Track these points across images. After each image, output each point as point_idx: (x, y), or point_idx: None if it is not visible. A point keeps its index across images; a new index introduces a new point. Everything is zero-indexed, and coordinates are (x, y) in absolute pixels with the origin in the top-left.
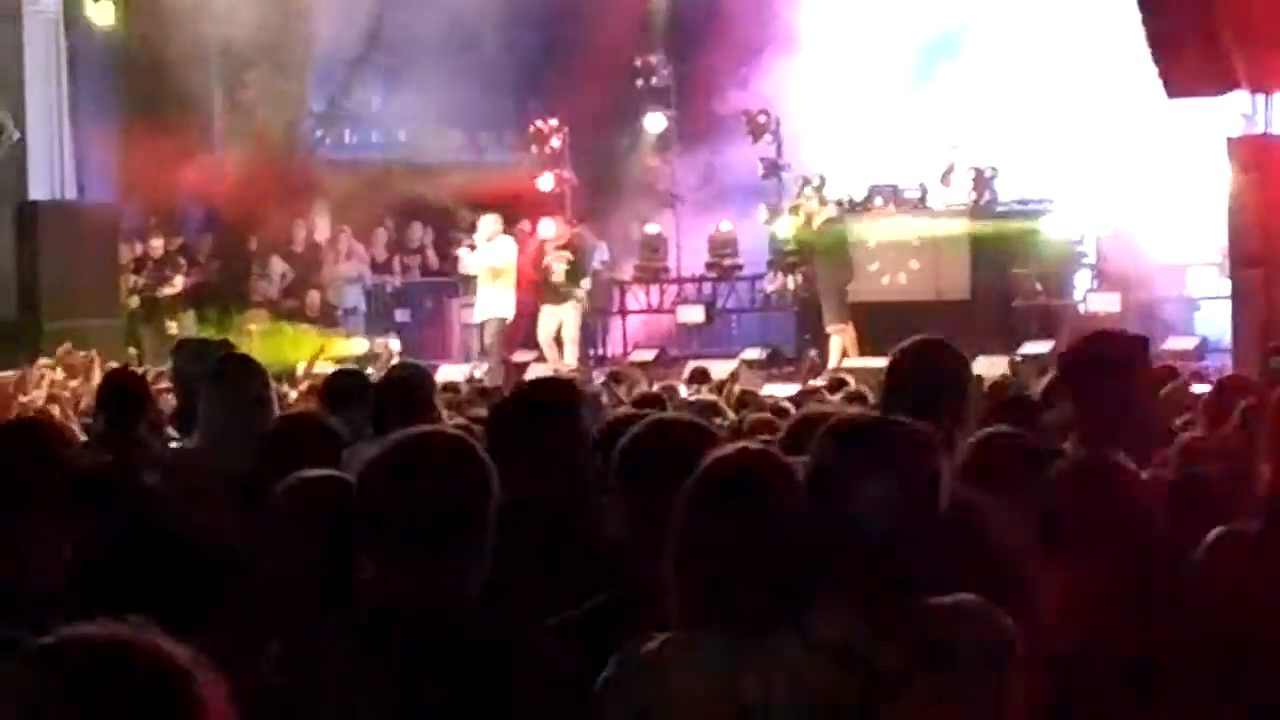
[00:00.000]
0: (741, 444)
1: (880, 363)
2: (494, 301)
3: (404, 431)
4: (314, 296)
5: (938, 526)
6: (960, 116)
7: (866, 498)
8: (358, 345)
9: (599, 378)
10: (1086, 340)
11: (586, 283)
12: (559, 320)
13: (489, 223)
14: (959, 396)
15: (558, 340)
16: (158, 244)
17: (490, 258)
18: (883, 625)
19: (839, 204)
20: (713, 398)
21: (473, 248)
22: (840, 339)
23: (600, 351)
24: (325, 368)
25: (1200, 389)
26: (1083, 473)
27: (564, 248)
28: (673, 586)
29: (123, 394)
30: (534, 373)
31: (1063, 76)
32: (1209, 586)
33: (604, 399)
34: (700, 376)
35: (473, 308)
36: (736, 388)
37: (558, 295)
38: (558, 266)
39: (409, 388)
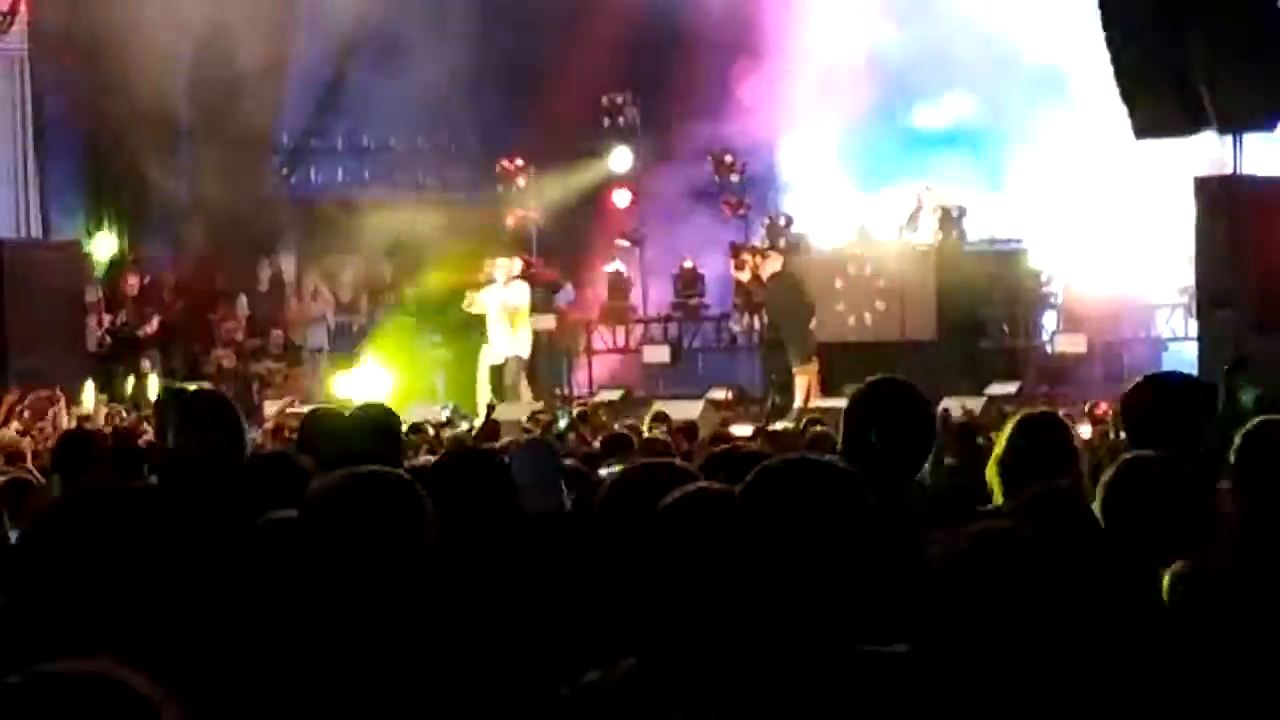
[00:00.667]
0: (701, 484)
1: (844, 403)
2: (512, 341)
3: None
4: (277, 336)
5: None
6: (931, 157)
7: (786, 537)
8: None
9: (563, 419)
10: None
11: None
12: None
13: (505, 265)
14: (919, 436)
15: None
16: (134, 281)
17: (507, 298)
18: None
19: (782, 251)
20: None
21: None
22: (804, 379)
23: (566, 391)
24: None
25: None
26: None
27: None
28: (631, 618)
29: (76, 453)
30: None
31: (1032, 116)
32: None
33: (570, 439)
34: (660, 419)
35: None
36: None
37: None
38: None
39: (376, 429)
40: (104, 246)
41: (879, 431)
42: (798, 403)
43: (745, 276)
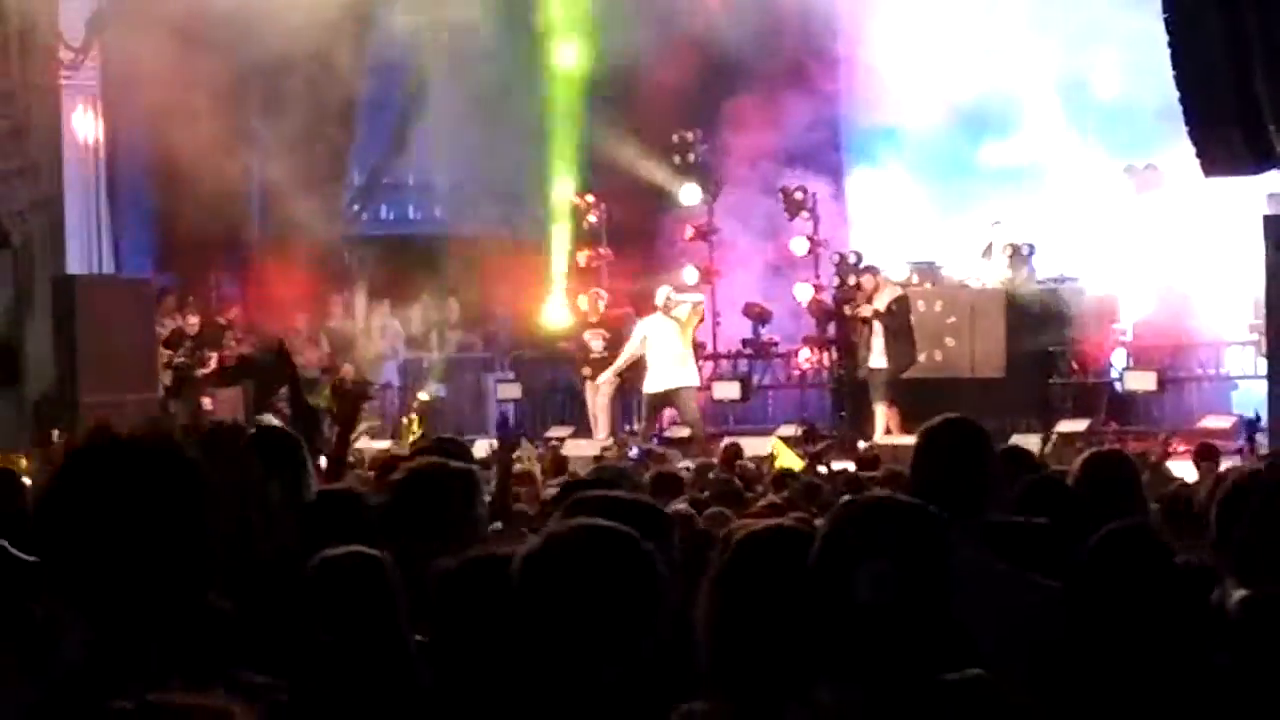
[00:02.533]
0: (775, 520)
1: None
2: (678, 370)
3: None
4: (348, 370)
5: (946, 604)
6: (1001, 192)
7: (869, 576)
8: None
9: (634, 453)
10: None
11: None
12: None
13: (664, 292)
14: (984, 475)
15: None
16: (194, 320)
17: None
18: (886, 702)
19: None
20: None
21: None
22: (885, 416)
23: (636, 427)
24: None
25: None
26: None
27: (599, 325)
28: (703, 658)
29: None
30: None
31: (1103, 153)
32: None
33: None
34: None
35: (509, 383)
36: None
37: (594, 372)
38: (595, 344)
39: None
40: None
41: (947, 470)
42: (876, 437)
43: (866, 312)
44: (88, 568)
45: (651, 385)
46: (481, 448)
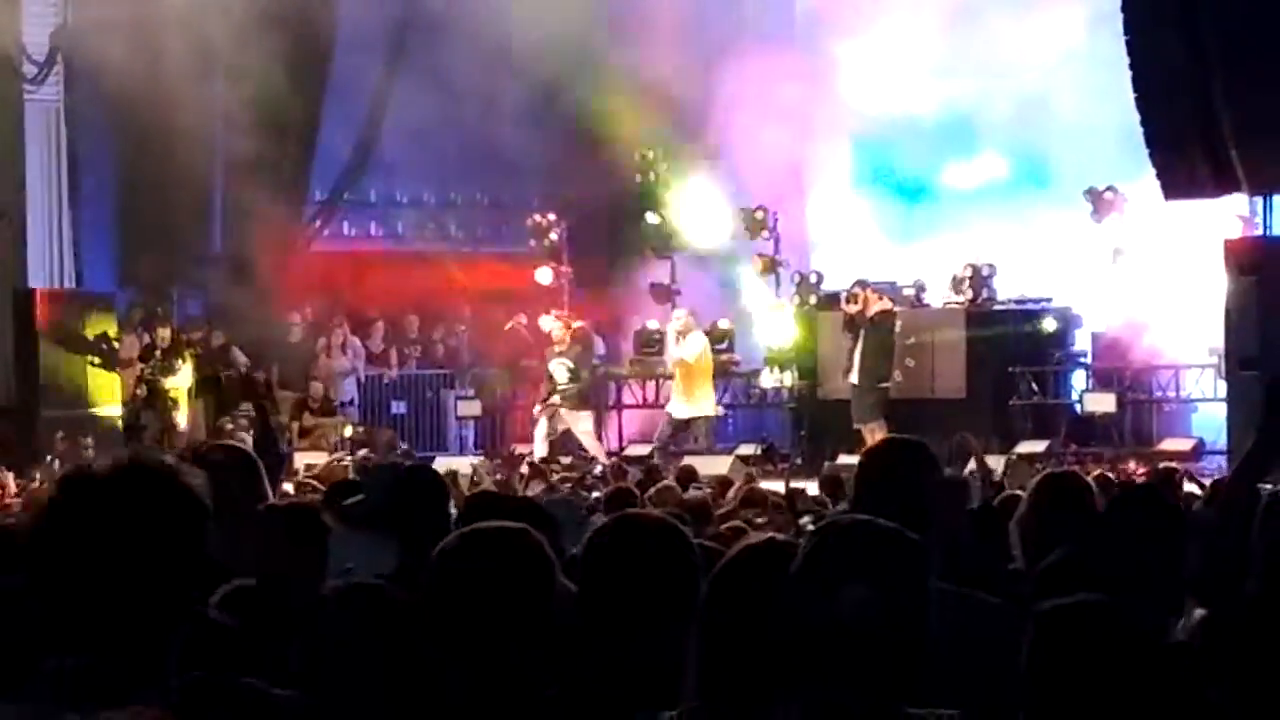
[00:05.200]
0: (769, 535)
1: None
2: (690, 400)
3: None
4: (317, 388)
5: (923, 630)
6: (962, 214)
7: (851, 600)
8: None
9: (596, 470)
10: None
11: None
12: (554, 422)
13: (679, 317)
14: (929, 499)
15: (549, 438)
16: (165, 334)
17: (681, 352)
18: None
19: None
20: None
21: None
22: (870, 438)
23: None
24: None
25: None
26: None
27: (565, 354)
28: (691, 664)
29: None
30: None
31: (1063, 176)
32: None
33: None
34: (689, 475)
35: (469, 400)
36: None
37: (564, 400)
38: (560, 373)
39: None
40: (136, 298)
41: (889, 490)
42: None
43: (855, 308)
44: (86, 587)
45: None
46: (441, 465)
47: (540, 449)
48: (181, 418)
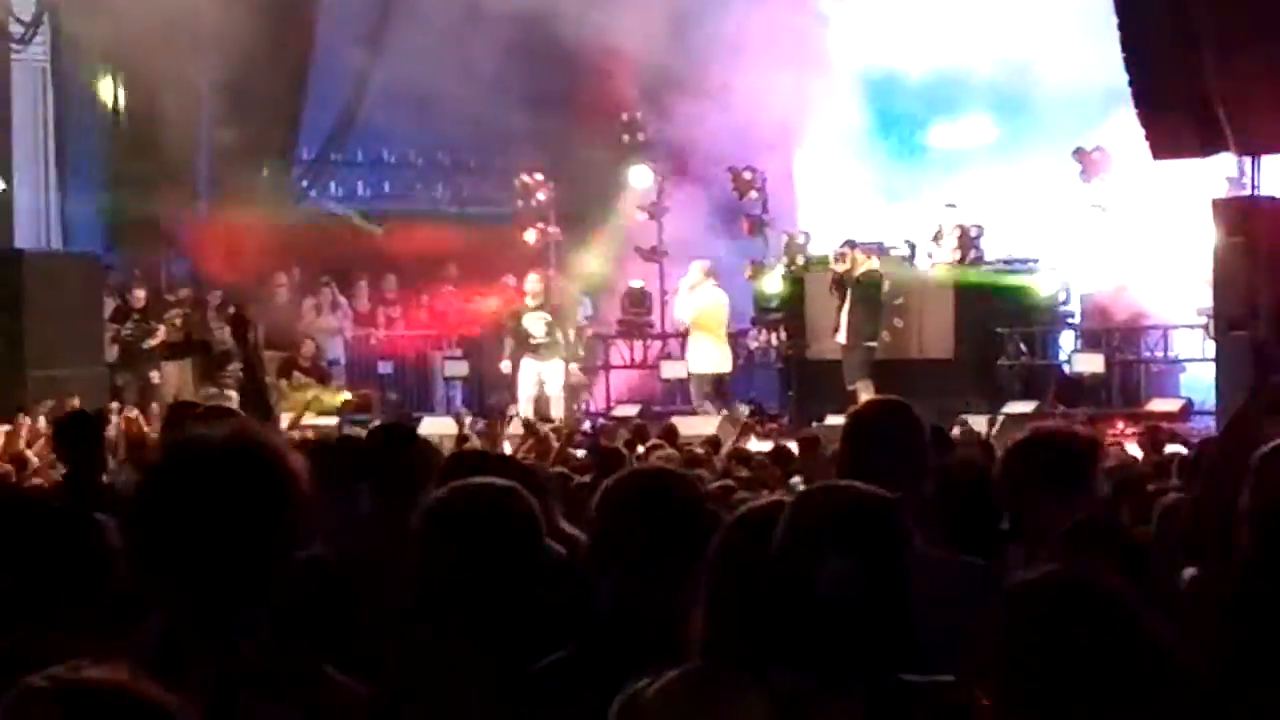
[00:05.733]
0: (774, 498)
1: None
2: (698, 354)
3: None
4: (309, 347)
5: (907, 594)
6: (950, 174)
7: (833, 573)
8: (342, 396)
9: (585, 426)
10: None
11: (571, 334)
12: (539, 376)
13: (695, 269)
14: (914, 459)
15: (538, 398)
16: (140, 295)
17: (695, 305)
18: (840, 694)
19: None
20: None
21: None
22: (863, 397)
23: (584, 406)
24: (314, 421)
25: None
26: None
27: (541, 308)
28: (697, 628)
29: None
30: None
31: (1051, 137)
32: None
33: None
34: (669, 435)
35: (456, 361)
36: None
37: (538, 353)
38: (536, 328)
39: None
40: (122, 257)
41: (874, 451)
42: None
43: (843, 268)
44: (179, 553)
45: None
46: (428, 425)
47: (526, 408)
48: (159, 377)
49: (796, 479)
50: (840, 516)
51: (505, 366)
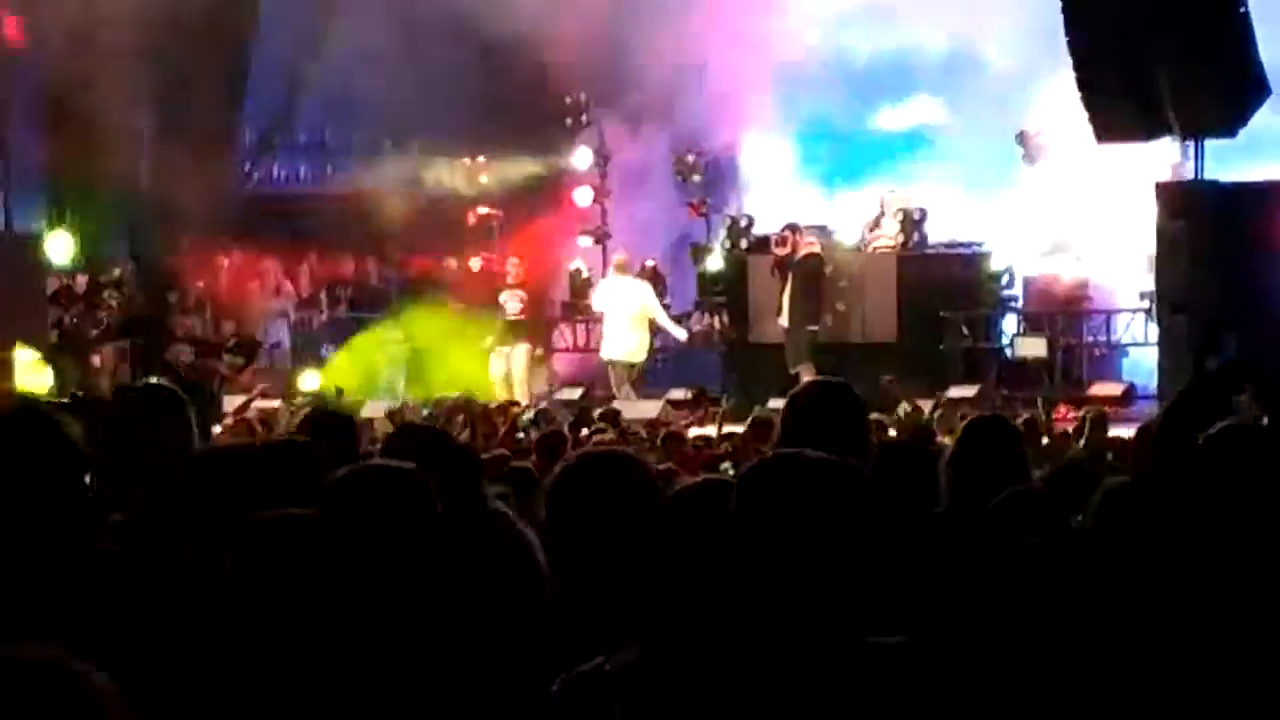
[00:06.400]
0: (713, 476)
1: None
2: (613, 341)
3: None
4: (229, 328)
5: (864, 556)
6: (893, 158)
7: (784, 533)
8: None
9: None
10: None
11: None
12: (507, 359)
13: (617, 260)
14: (854, 440)
15: (506, 378)
16: (82, 279)
17: (608, 294)
18: (804, 659)
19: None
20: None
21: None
22: (806, 379)
23: (554, 383)
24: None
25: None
26: None
27: (519, 285)
28: (636, 610)
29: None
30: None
31: (995, 120)
32: None
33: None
34: (610, 418)
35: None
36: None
37: (509, 334)
38: (511, 305)
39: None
40: (62, 242)
41: (814, 432)
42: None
43: (784, 251)
44: None
45: (610, 352)
46: (373, 408)
47: (501, 391)
48: (99, 361)
49: (726, 465)
50: (795, 478)
51: (487, 343)
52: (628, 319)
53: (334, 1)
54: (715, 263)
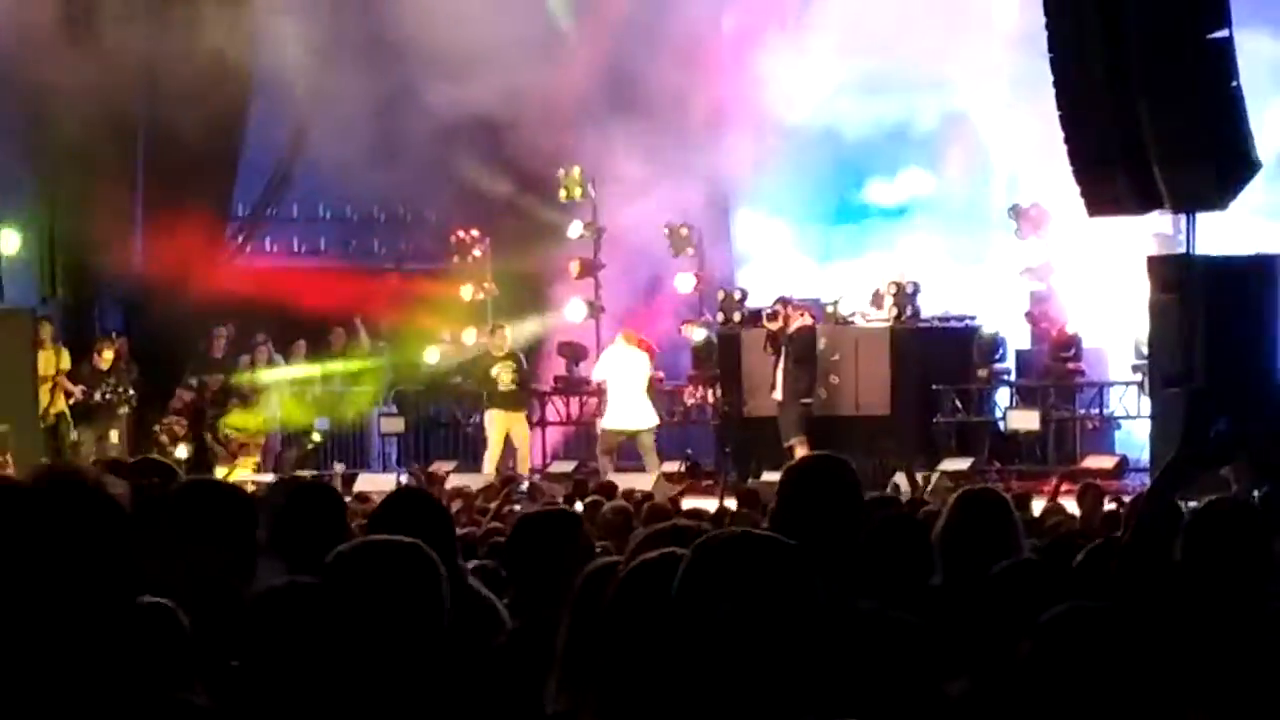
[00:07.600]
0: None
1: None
2: (616, 411)
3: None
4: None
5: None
6: (886, 231)
7: (725, 612)
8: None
9: (523, 487)
10: None
11: None
12: (508, 429)
13: (625, 332)
14: (848, 514)
15: (503, 448)
16: (108, 355)
17: (611, 365)
18: None
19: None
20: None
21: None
22: (800, 453)
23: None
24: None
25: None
26: None
27: (506, 358)
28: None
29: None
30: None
31: (987, 193)
32: None
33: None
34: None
35: (393, 417)
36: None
37: (506, 403)
38: (505, 376)
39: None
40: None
41: (809, 506)
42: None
43: (776, 325)
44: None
45: (615, 422)
46: (364, 482)
47: (492, 460)
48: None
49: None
50: (739, 559)
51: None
52: (634, 388)
53: (327, 79)
54: (707, 336)
